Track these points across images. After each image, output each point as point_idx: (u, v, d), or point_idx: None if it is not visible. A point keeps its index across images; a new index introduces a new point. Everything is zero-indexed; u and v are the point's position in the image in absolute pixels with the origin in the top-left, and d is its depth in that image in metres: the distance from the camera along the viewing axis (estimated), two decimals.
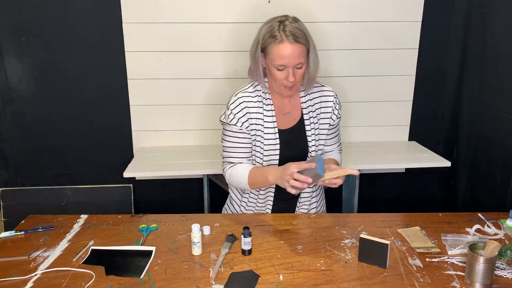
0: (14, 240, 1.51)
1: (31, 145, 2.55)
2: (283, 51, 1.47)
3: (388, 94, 2.68)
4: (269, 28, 1.50)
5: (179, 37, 2.47)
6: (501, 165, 2.15)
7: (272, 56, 1.50)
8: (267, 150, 1.61)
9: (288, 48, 1.47)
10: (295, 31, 1.47)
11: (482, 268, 1.21)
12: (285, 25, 1.48)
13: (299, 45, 1.48)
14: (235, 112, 1.58)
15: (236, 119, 1.58)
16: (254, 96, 1.60)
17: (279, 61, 1.48)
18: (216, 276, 1.30)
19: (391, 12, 2.53)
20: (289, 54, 1.47)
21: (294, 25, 1.48)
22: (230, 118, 1.59)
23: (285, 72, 1.50)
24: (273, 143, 1.61)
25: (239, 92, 1.61)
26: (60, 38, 2.42)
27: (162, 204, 2.68)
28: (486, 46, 2.28)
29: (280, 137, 1.62)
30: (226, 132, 1.63)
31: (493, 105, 2.24)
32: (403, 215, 1.70)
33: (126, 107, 2.56)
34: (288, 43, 1.46)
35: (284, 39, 1.47)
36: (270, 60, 1.51)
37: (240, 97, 1.60)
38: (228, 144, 1.63)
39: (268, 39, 1.49)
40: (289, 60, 1.48)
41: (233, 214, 1.75)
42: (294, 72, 1.50)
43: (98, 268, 1.34)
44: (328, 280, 1.28)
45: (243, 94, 1.60)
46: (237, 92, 1.62)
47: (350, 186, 2.60)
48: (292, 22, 1.49)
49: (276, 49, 1.48)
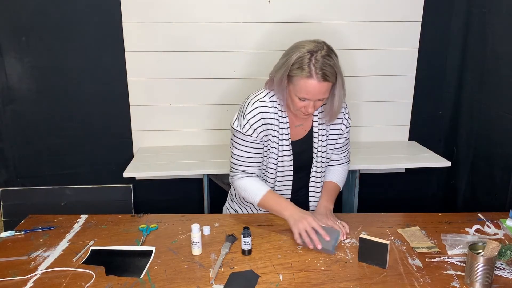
0: (14, 240, 1.51)
1: (31, 145, 2.55)
2: (309, 87, 1.42)
3: (388, 94, 2.68)
4: (299, 58, 1.42)
5: (179, 37, 2.48)
6: (501, 165, 2.15)
7: (297, 88, 1.44)
8: (281, 162, 1.61)
9: (314, 85, 1.41)
10: (326, 68, 1.40)
11: (482, 268, 1.21)
12: (316, 59, 1.40)
13: (327, 83, 1.43)
14: (252, 122, 1.53)
15: (253, 130, 1.54)
16: (271, 107, 1.56)
17: (303, 94, 1.44)
18: (216, 276, 1.30)
19: (391, 12, 2.53)
20: (314, 91, 1.43)
21: (326, 61, 1.41)
22: (246, 128, 1.54)
23: (306, 102, 1.47)
24: (287, 154, 1.61)
25: (256, 102, 1.55)
26: (60, 38, 2.42)
27: (162, 204, 2.68)
28: (486, 46, 2.28)
29: (292, 148, 1.62)
30: (238, 140, 1.58)
31: (493, 105, 2.24)
32: (403, 215, 1.70)
33: (126, 107, 2.56)
34: (316, 80, 1.41)
35: (313, 75, 1.40)
36: (293, 89, 1.47)
37: (257, 106, 1.54)
38: (239, 153, 1.59)
39: (296, 70, 1.42)
40: (314, 95, 1.44)
41: (233, 214, 1.75)
42: (314, 104, 1.48)
43: (98, 268, 1.34)
44: (328, 280, 1.28)
45: (260, 104, 1.55)
46: (253, 101, 1.56)
47: (350, 186, 2.60)
48: (324, 56, 1.41)
49: (302, 83, 1.42)
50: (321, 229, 1.43)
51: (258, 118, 1.54)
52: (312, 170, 1.67)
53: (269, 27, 2.45)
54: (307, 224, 1.43)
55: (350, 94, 2.62)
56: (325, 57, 1.41)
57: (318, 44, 1.44)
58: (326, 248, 1.40)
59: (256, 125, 1.54)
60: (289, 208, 1.53)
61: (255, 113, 1.54)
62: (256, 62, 2.52)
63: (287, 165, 1.62)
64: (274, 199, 1.58)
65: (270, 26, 2.45)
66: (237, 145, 1.59)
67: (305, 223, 1.44)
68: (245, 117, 1.54)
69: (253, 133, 1.54)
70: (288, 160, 1.62)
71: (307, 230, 1.43)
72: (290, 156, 1.61)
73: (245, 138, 1.56)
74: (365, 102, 2.68)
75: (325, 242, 1.41)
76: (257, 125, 1.54)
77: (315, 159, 1.65)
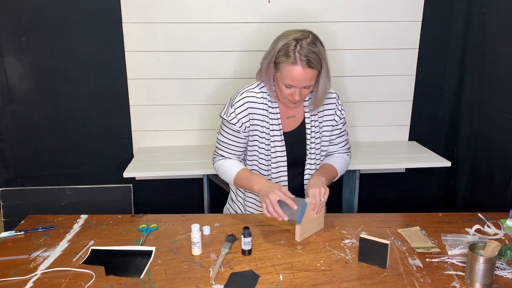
0: (14, 240, 1.51)
1: (31, 145, 2.55)
2: (294, 73, 1.46)
3: (388, 94, 2.68)
4: (285, 45, 1.46)
5: (179, 37, 2.47)
6: (501, 165, 2.15)
7: (283, 74, 1.49)
8: (273, 152, 1.63)
9: (299, 72, 1.45)
10: (310, 55, 1.44)
11: (482, 268, 1.21)
12: (302, 46, 1.44)
13: (311, 70, 1.46)
14: (237, 112, 1.58)
15: (237, 119, 1.59)
16: (260, 98, 1.60)
17: (289, 81, 1.48)
18: (216, 276, 1.30)
19: (391, 12, 2.53)
20: (299, 77, 1.46)
21: (311, 48, 1.44)
22: (231, 116, 1.59)
23: (292, 89, 1.51)
24: (279, 145, 1.63)
25: (245, 92, 1.61)
26: (60, 38, 2.42)
27: (162, 204, 2.68)
28: (486, 46, 2.28)
29: (284, 138, 1.63)
30: (224, 127, 1.65)
31: (493, 105, 2.24)
32: (403, 215, 1.70)
33: (126, 107, 2.56)
34: (301, 67, 1.44)
35: (297, 62, 1.44)
36: (280, 76, 1.51)
37: (246, 96, 1.59)
38: (223, 139, 1.66)
39: (282, 57, 1.46)
40: (299, 82, 1.48)
41: (233, 214, 1.75)
42: (301, 91, 1.51)
43: (98, 268, 1.34)
44: (328, 280, 1.28)
45: (249, 94, 1.60)
46: (242, 91, 1.61)
47: (350, 186, 2.61)
48: (309, 43, 1.44)
49: (287, 69, 1.46)
50: (288, 199, 1.43)
51: (245, 108, 1.58)
52: (307, 163, 1.67)
53: (269, 27, 2.45)
54: (273, 198, 1.43)
55: (350, 94, 2.65)
56: (310, 45, 1.45)
57: (305, 33, 1.49)
58: (292, 219, 1.42)
59: (241, 115, 1.58)
60: (258, 182, 1.55)
61: (243, 103, 1.59)
62: (256, 62, 2.46)
63: (280, 155, 1.63)
64: (245, 176, 1.61)
65: (270, 26, 2.45)
66: (222, 131, 1.66)
67: (269, 197, 1.44)
68: (232, 106, 1.60)
69: (237, 122, 1.59)
70: (281, 151, 1.63)
71: (272, 204, 1.43)
72: (283, 146, 1.63)
73: (229, 126, 1.61)
74: (365, 102, 2.68)
75: (292, 213, 1.42)
76: (243, 115, 1.58)
77: (308, 150, 1.66)
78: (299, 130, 1.66)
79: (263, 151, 1.63)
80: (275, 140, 1.62)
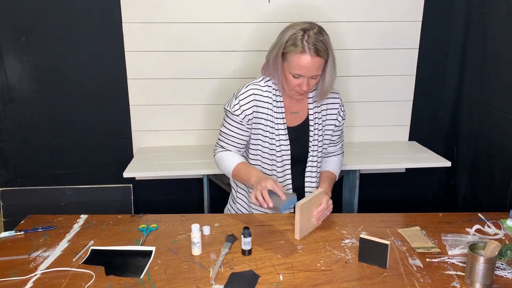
0: (14, 240, 1.51)
1: (31, 145, 2.55)
2: (303, 62, 1.48)
3: (388, 94, 2.68)
4: (293, 35, 1.49)
5: (179, 37, 2.47)
6: (501, 165, 2.15)
7: (291, 64, 1.50)
8: (278, 146, 1.63)
9: (308, 60, 1.47)
10: (318, 44, 1.47)
11: (482, 268, 1.21)
12: (309, 36, 1.47)
13: (319, 58, 1.48)
14: (242, 103, 1.59)
15: (241, 111, 1.59)
16: (265, 91, 1.61)
17: (297, 70, 1.50)
18: (216, 276, 1.30)
19: (391, 12, 2.53)
20: (308, 65, 1.48)
21: (318, 37, 1.47)
22: (235, 108, 1.60)
23: (300, 80, 1.52)
24: (284, 139, 1.63)
25: (251, 84, 1.62)
26: (60, 38, 2.42)
27: (162, 204, 2.68)
28: (486, 46, 2.28)
29: (288, 133, 1.64)
30: (227, 119, 1.65)
31: (493, 105, 2.24)
32: (403, 215, 1.70)
33: (126, 107, 2.56)
34: (309, 55, 1.47)
35: (306, 51, 1.46)
36: (288, 66, 1.52)
37: (251, 89, 1.61)
38: (226, 131, 1.66)
39: (290, 47, 1.49)
40: (307, 71, 1.49)
41: (233, 214, 1.75)
42: (308, 81, 1.52)
43: (98, 268, 1.34)
44: (328, 280, 1.28)
45: (254, 86, 1.62)
46: (248, 84, 1.63)
47: (350, 186, 2.61)
48: (316, 33, 1.48)
49: (296, 58, 1.48)
50: (279, 190, 1.43)
51: (250, 100, 1.59)
52: (308, 160, 1.68)
53: (269, 27, 2.45)
54: (264, 187, 1.43)
55: (350, 94, 2.65)
56: (317, 34, 1.48)
57: (311, 24, 1.52)
58: (276, 206, 1.40)
59: (245, 107, 1.59)
60: (255, 174, 1.55)
61: (248, 95, 1.60)
62: (256, 62, 2.50)
63: (285, 148, 1.64)
64: (244, 169, 1.61)
65: (270, 26, 2.45)
66: (225, 123, 1.67)
67: (262, 185, 1.44)
68: (237, 98, 1.61)
69: (240, 114, 1.59)
70: (286, 145, 1.63)
71: (262, 191, 1.43)
72: (287, 141, 1.64)
73: (232, 117, 1.62)
74: (365, 102, 2.68)
75: (278, 202, 1.41)
76: (247, 107, 1.59)
77: (311, 148, 1.67)
78: (302, 126, 1.67)
79: (267, 145, 1.64)
80: (279, 134, 1.63)
